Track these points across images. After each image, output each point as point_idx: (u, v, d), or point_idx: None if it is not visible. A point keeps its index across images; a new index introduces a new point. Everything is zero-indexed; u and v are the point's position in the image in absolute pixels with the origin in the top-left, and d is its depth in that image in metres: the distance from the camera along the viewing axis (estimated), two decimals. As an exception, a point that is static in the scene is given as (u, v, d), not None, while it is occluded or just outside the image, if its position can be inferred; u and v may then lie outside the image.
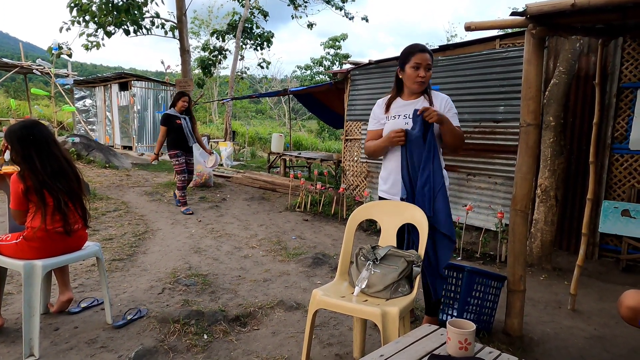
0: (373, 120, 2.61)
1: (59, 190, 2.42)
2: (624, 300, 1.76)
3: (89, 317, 2.77)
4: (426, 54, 2.37)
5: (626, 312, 1.74)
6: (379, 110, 2.58)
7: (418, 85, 2.40)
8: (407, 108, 2.46)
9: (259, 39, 14.87)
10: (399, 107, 2.50)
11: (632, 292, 1.78)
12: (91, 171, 9.18)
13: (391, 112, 2.51)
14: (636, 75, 4.21)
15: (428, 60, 2.37)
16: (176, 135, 6.05)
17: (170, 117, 6.06)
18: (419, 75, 2.37)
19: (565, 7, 2.07)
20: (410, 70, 2.39)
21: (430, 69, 2.41)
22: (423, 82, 2.39)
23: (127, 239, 4.58)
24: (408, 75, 2.42)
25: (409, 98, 2.50)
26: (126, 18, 7.36)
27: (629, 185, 4.28)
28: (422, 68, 2.37)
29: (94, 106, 15.89)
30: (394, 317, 1.82)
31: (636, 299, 1.73)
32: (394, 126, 2.44)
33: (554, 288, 3.76)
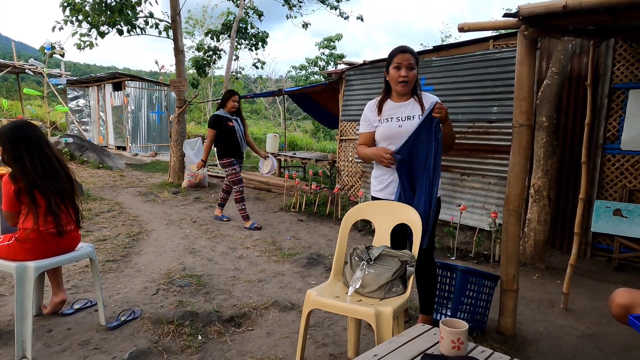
0: (364, 122, 2.61)
1: (50, 191, 2.41)
2: (615, 298, 1.78)
3: (83, 318, 2.76)
4: (407, 54, 2.39)
5: (617, 309, 1.76)
6: (370, 112, 2.58)
7: (401, 85, 2.42)
8: (399, 110, 2.47)
9: (253, 39, 14.83)
10: (390, 110, 2.50)
11: (622, 290, 1.80)
12: (85, 172, 9.13)
13: (383, 114, 2.51)
14: (627, 76, 4.25)
15: (409, 59, 2.38)
16: (229, 140, 5.24)
17: (221, 118, 5.24)
18: (401, 75, 2.39)
19: (557, 9, 2.09)
20: (392, 71, 2.42)
21: (414, 69, 2.40)
22: (405, 82, 2.40)
23: (121, 239, 4.55)
24: (391, 76, 2.44)
25: (399, 100, 2.51)
26: (120, 18, 7.31)
27: (621, 185, 4.32)
28: (404, 68, 2.38)
29: (88, 106, 15.79)
30: (388, 317, 1.83)
31: (627, 296, 1.75)
32: (387, 129, 2.46)
33: (547, 287, 3.78)
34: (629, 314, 1.71)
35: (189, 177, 7.91)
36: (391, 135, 2.46)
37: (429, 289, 2.60)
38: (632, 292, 1.77)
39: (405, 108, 2.48)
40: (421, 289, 2.63)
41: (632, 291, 1.79)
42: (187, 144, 8.02)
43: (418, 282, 2.63)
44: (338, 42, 20.18)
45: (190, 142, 8.15)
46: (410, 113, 2.46)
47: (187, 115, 22.86)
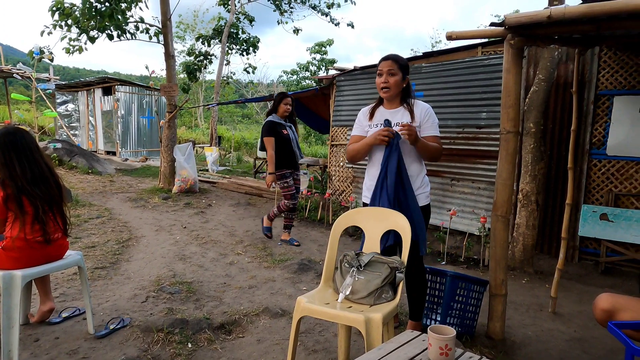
0: (357, 126, 2.68)
1: (38, 197, 2.39)
2: (598, 303, 1.83)
3: (71, 327, 2.73)
4: (388, 61, 2.46)
5: (600, 314, 1.80)
6: (363, 117, 2.65)
7: (383, 92, 2.49)
8: (391, 117, 2.54)
9: (244, 44, 14.85)
10: (381, 116, 2.56)
11: (605, 295, 1.84)
12: (73, 177, 9.04)
13: (374, 120, 2.58)
14: (612, 83, 4.33)
15: (389, 66, 2.44)
16: (283, 149, 4.63)
17: (276, 125, 4.65)
18: (382, 81, 2.47)
19: (542, 19, 2.13)
20: (377, 78, 2.51)
21: (395, 75, 2.45)
22: (386, 87, 2.46)
23: (110, 246, 4.51)
24: (376, 83, 2.52)
25: (390, 107, 2.57)
26: (110, 23, 7.27)
27: (607, 189, 4.39)
28: (384, 74, 2.46)
29: (77, 111, 15.65)
30: (377, 323, 1.84)
31: (609, 301, 1.79)
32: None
33: (536, 291, 3.82)
34: (611, 318, 1.75)
35: (180, 182, 7.87)
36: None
37: (418, 295, 2.61)
38: (615, 297, 1.82)
39: (395, 115, 2.53)
40: (410, 295, 2.65)
41: (614, 296, 1.83)
42: (177, 149, 7.98)
43: (407, 288, 2.65)
44: (329, 47, 20.27)
45: (180, 147, 8.12)
46: (400, 120, 2.50)
47: (179, 120, 22.78)
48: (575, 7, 2.08)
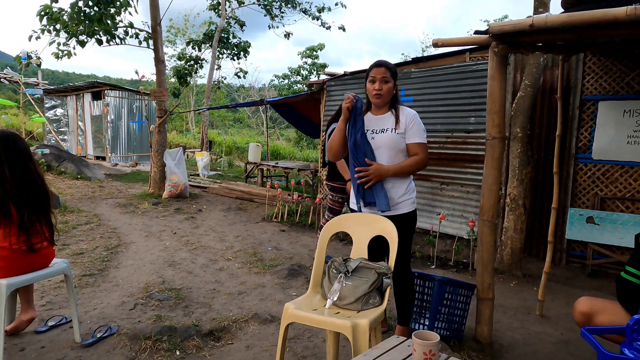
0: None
1: (25, 204, 2.37)
2: (577, 306, 1.88)
3: (57, 336, 2.70)
4: (381, 68, 2.46)
5: (579, 317, 1.85)
6: None
7: (375, 98, 2.49)
8: (375, 123, 2.55)
9: (235, 49, 14.85)
10: (368, 122, 2.56)
11: (584, 298, 1.89)
12: (62, 182, 8.95)
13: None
14: (597, 88, 4.41)
15: (383, 73, 2.45)
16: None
17: None
18: (375, 88, 2.46)
19: (525, 27, 2.17)
20: (368, 84, 2.51)
21: (388, 82, 2.46)
22: (379, 94, 2.47)
23: (99, 253, 4.48)
24: (368, 90, 2.53)
25: (377, 113, 2.57)
26: (99, 27, 7.24)
27: (593, 193, 4.46)
28: (378, 81, 2.45)
29: (66, 116, 15.51)
30: (364, 329, 1.85)
31: (587, 305, 1.84)
32: None
33: (524, 294, 3.86)
34: (590, 320, 1.79)
35: (170, 187, 7.83)
36: None
37: (406, 300, 2.63)
38: (593, 301, 1.87)
39: (381, 121, 2.54)
40: (399, 300, 2.66)
41: (592, 299, 1.88)
42: (167, 154, 7.94)
43: (396, 293, 2.66)
44: (320, 51, 20.34)
45: (171, 152, 8.08)
46: (385, 126, 2.51)
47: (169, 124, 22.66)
48: (556, 16, 2.12)
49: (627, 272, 1.81)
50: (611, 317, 1.77)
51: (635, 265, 1.79)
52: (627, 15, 1.91)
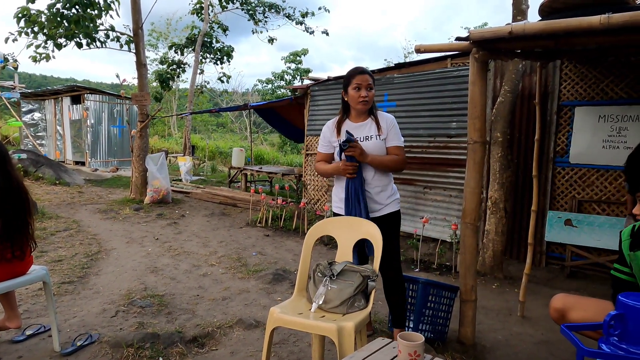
0: (323, 143, 2.68)
1: (5, 210, 2.31)
2: (553, 303, 1.96)
3: (35, 345, 2.63)
4: (366, 75, 2.50)
5: (554, 313, 1.93)
6: (330, 133, 2.65)
7: (362, 104, 2.51)
8: (357, 130, 2.56)
9: (218, 54, 14.79)
10: (349, 130, 2.57)
11: (559, 295, 1.97)
12: (40, 188, 8.74)
13: (342, 135, 2.58)
14: (573, 94, 4.54)
15: (368, 80, 2.49)
16: None
17: None
18: (361, 95, 2.49)
19: (504, 34, 2.23)
20: (352, 91, 2.52)
21: (372, 89, 2.52)
22: (366, 101, 2.50)
23: (79, 259, 4.38)
24: (351, 97, 2.53)
25: (357, 120, 2.60)
26: (78, 30, 7.12)
27: (571, 196, 4.57)
28: (363, 88, 2.48)
29: (44, 120, 15.17)
30: (350, 332, 1.86)
31: (561, 301, 1.92)
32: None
33: (505, 296, 3.93)
34: (564, 316, 1.87)
35: (152, 192, 7.72)
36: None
37: (398, 302, 2.65)
38: (566, 297, 1.96)
39: (363, 128, 2.57)
40: (390, 302, 2.68)
41: (566, 296, 1.97)
42: (149, 159, 7.84)
43: (387, 295, 2.68)
44: (304, 56, 20.41)
45: (153, 157, 7.98)
46: (368, 133, 2.55)
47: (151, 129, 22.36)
48: (534, 23, 2.18)
49: (615, 270, 1.89)
50: (583, 312, 1.86)
51: (619, 261, 1.86)
52: (600, 24, 1.98)
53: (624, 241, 1.87)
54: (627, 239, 1.85)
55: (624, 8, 2.16)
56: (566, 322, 1.90)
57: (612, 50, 3.02)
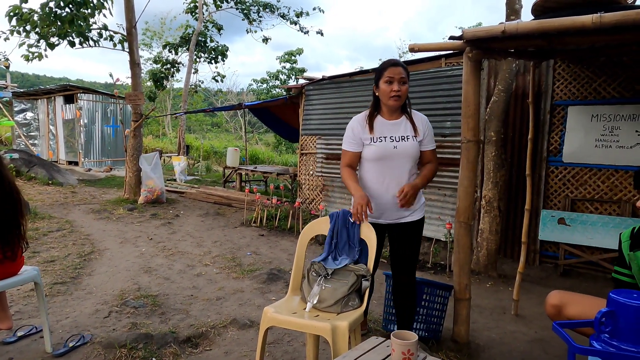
0: (351, 140, 2.42)
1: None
2: (549, 299, 1.97)
3: (26, 346, 2.60)
4: (399, 68, 2.29)
5: (550, 309, 1.94)
6: (360, 129, 2.40)
7: (394, 100, 2.30)
8: (392, 129, 2.38)
9: (213, 53, 14.73)
10: (382, 127, 2.38)
11: (555, 292, 1.99)
12: (32, 188, 8.66)
13: (375, 132, 2.37)
14: (566, 93, 4.57)
15: (401, 73, 2.29)
16: None
17: None
18: (393, 89, 2.28)
19: (497, 33, 2.23)
20: (384, 85, 2.31)
21: (406, 83, 2.31)
22: (398, 96, 2.29)
23: (71, 260, 4.35)
24: (382, 91, 2.33)
25: (390, 117, 2.40)
26: (71, 29, 7.06)
27: (564, 195, 4.60)
28: (396, 82, 2.28)
29: (36, 119, 15.05)
30: (344, 331, 1.85)
31: (558, 297, 1.94)
32: (381, 149, 2.35)
33: (499, 294, 3.94)
34: (560, 312, 1.88)
35: (146, 192, 7.68)
36: (385, 156, 2.36)
37: (408, 305, 2.55)
38: (563, 294, 1.98)
39: (398, 127, 2.38)
40: (400, 306, 2.58)
41: (562, 293, 1.99)
42: (143, 159, 7.79)
43: (396, 299, 2.60)
44: (299, 56, 20.40)
45: (147, 156, 7.93)
46: (404, 133, 2.38)
47: (145, 129, 22.24)
48: (527, 22, 2.19)
49: (615, 272, 1.91)
50: (580, 308, 1.87)
51: (619, 264, 1.89)
52: (592, 23, 1.99)
53: (624, 242, 1.89)
54: (627, 240, 1.88)
55: (615, 8, 2.17)
56: (562, 318, 1.92)
57: (605, 50, 3.04)
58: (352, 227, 2.30)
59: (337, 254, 2.30)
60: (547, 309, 2.00)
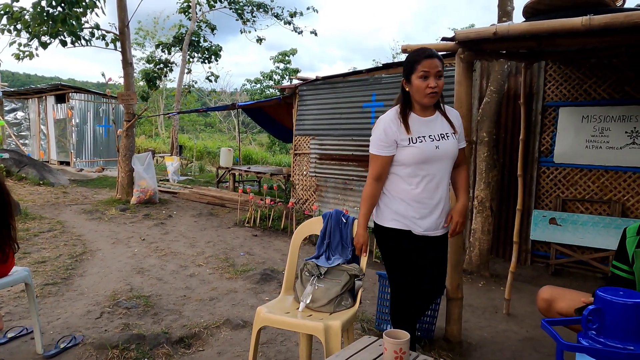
0: (383, 143, 2.04)
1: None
2: (540, 293, 2.01)
3: (17, 347, 2.58)
4: (434, 60, 1.96)
5: (542, 303, 1.98)
6: (396, 129, 2.03)
7: (429, 98, 1.98)
8: (429, 127, 2.05)
9: (206, 53, 14.68)
10: (419, 127, 2.05)
11: (546, 287, 2.02)
12: (23, 189, 8.58)
13: (413, 132, 2.03)
14: (557, 95, 4.61)
15: (438, 66, 1.96)
16: None
17: None
18: (429, 85, 1.95)
19: (489, 35, 2.26)
20: (418, 81, 1.97)
21: (442, 77, 1.99)
22: (435, 92, 1.97)
23: (63, 261, 4.31)
24: (416, 88, 1.98)
25: (424, 114, 2.07)
26: (63, 28, 7.00)
27: (555, 195, 4.64)
28: (432, 76, 1.95)
29: (27, 119, 14.91)
30: (336, 331, 1.86)
31: (549, 292, 1.97)
32: (423, 151, 2.00)
33: (491, 294, 3.97)
34: (551, 306, 1.91)
35: (139, 193, 7.63)
36: (427, 159, 2.01)
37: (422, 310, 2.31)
38: (553, 289, 2.01)
39: (434, 124, 2.06)
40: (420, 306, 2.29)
41: (553, 288, 2.03)
42: (136, 159, 7.75)
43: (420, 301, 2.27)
44: (293, 56, 20.38)
45: (139, 156, 7.89)
46: (442, 131, 2.06)
47: (138, 129, 22.10)
48: (518, 24, 2.22)
49: (614, 267, 1.91)
50: (569, 302, 1.89)
51: (618, 258, 1.87)
52: (582, 25, 2.02)
53: (629, 238, 1.83)
54: (632, 236, 1.82)
55: (605, 10, 2.20)
56: (553, 312, 1.94)
57: (595, 52, 3.08)
58: (345, 227, 2.31)
59: (330, 254, 2.30)
60: (539, 302, 2.04)
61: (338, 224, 2.33)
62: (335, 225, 2.34)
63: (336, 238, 2.33)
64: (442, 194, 2.08)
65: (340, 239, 2.32)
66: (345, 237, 2.30)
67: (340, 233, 2.32)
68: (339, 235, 2.32)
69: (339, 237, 2.32)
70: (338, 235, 2.32)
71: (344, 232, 2.31)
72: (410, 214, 2.06)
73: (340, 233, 2.32)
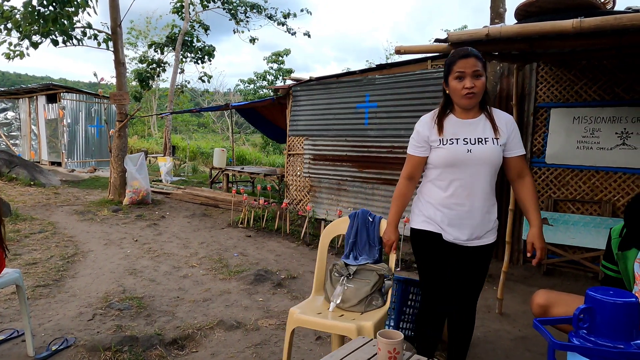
0: (416, 143, 2.04)
1: None
2: (535, 299, 1.99)
3: (8, 350, 2.55)
4: (471, 59, 1.87)
5: (537, 309, 1.95)
6: (428, 130, 2.00)
7: (467, 99, 1.89)
8: (467, 129, 1.95)
9: (199, 53, 14.63)
10: (455, 128, 1.97)
11: (541, 291, 2.00)
12: (13, 189, 8.49)
13: (446, 133, 1.96)
14: (549, 96, 4.66)
15: (475, 65, 1.86)
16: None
17: None
18: (465, 86, 1.86)
19: (481, 37, 2.28)
20: (454, 82, 1.90)
21: (481, 76, 1.88)
22: (472, 93, 1.87)
23: (54, 262, 4.27)
24: (453, 89, 1.92)
25: (465, 115, 1.98)
26: (54, 28, 6.94)
27: (547, 195, 4.68)
28: (468, 77, 1.86)
29: (17, 119, 14.76)
30: (369, 331, 1.88)
31: (544, 297, 1.95)
32: (452, 153, 1.93)
33: (484, 294, 3.99)
34: (547, 312, 1.90)
35: (131, 193, 7.58)
36: (456, 162, 1.93)
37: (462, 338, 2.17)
38: (549, 293, 1.98)
39: (474, 127, 1.95)
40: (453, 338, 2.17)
41: (549, 292, 2.00)
42: (128, 159, 7.70)
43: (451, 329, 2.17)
44: (286, 57, 20.37)
45: (132, 157, 7.84)
46: (481, 134, 1.94)
47: (130, 129, 21.98)
48: (510, 26, 2.24)
49: (603, 266, 1.92)
50: (567, 308, 1.85)
51: (606, 258, 1.89)
52: (573, 28, 2.04)
53: (614, 239, 1.86)
54: (616, 237, 1.85)
55: (595, 13, 2.23)
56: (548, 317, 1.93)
57: (586, 54, 3.11)
58: (372, 226, 2.32)
59: (357, 254, 2.31)
60: (534, 308, 1.99)
61: (365, 223, 2.34)
62: (362, 224, 2.34)
63: (363, 238, 2.33)
64: (477, 202, 1.97)
65: (368, 239, 2.32)
66: (372, 237, 2.30)
67: (367, 232, 2.33)
68: (366, 234, 2.33)
69: (366, 236, 2.32)
70: (365, 234, 2.33)
71: (371, 232, 2.31)
72: (438, 219, 1.99)
73: (367, 232, 2.33)
